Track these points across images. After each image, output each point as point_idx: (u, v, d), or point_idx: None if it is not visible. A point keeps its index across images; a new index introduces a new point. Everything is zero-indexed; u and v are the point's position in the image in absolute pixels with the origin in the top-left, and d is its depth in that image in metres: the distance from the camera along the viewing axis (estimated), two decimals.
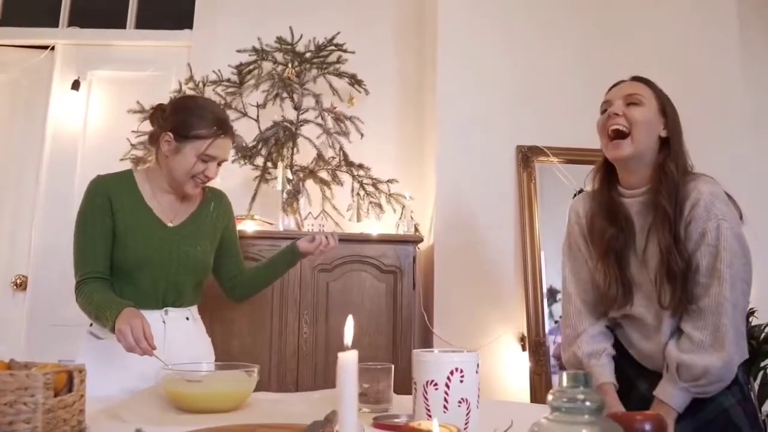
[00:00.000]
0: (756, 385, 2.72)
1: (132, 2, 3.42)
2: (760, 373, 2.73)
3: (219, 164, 1.75)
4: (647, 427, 0.95)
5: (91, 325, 1.68)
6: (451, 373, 1.05)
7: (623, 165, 1.60)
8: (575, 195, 2.82)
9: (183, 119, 1.69)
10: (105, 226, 1.66)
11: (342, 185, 2.91)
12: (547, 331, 2.69)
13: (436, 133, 2.89)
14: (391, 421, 1.17)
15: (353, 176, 2.89)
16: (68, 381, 0.98)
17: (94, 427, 1.01)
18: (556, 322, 2.69)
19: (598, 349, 1.59)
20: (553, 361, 2.66)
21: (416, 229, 2.79)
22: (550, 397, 0.85)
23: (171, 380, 1.32)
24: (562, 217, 2.85)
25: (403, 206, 2.82)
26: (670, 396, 1.42)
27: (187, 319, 1.76)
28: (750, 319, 2.77)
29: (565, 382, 0.85)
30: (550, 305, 2.72)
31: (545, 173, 2.84)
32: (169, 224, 1.74)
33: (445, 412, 1.04)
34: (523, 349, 2.72)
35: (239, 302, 2.00)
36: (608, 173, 1.65)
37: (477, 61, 2.94)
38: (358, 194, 2.84)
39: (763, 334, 2.73)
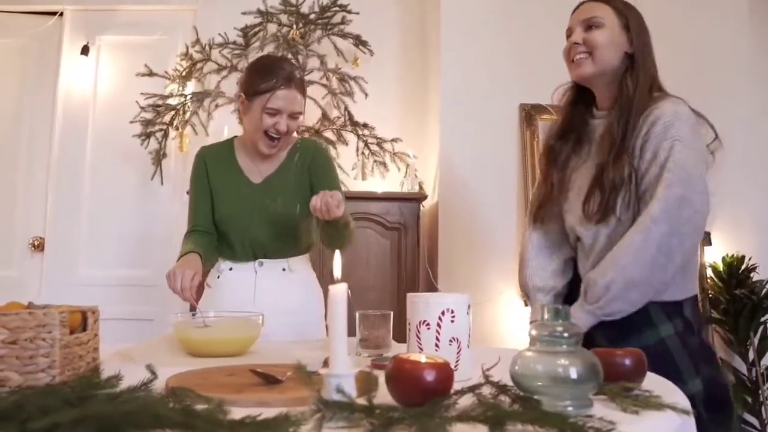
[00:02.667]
0: (756, 340, 2.77)
1: None
2: (761, 328, 2.78)
3: (293, 118, 1.76)
4: (627, 362, 0.99)
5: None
6: (443, 313, 1.11)
7: (592, 85, 1.57)
8: None
9: (249, 78, 1.79)
10: (204, 188, 1.85)
11: (347, 145, 2.96)
12: None
13: (439, 92, 2.91)
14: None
15: (358, 135, 2.94)
16: (83, 320, 1.04)
17: (106, 365, 1.08)
18: None
19: (546, 286, 1.60)
20: None
21: (420, 187, 2.84)
22: (532, 331, 0.91)
23: (181, 326, 1.39)
24: None
25: (407, 165, 2.86)
26: (578, 318, 1.40)
27: (284, 269, 1.84)
28: (752, 275, 2.81)
29: (546, 316, 0.90)
30: None
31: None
32: (255, 182, 1.84)
33: (436, 350, 1.10)
34: (525, 304, 2.78)
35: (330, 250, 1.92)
36: (580, 94, 1.62)
37: (480, 19, 2.94)
38: (362, 153, 2.89)
39: (765, 290, 2.77)
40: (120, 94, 3.22)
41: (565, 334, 0.87)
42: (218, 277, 1.83)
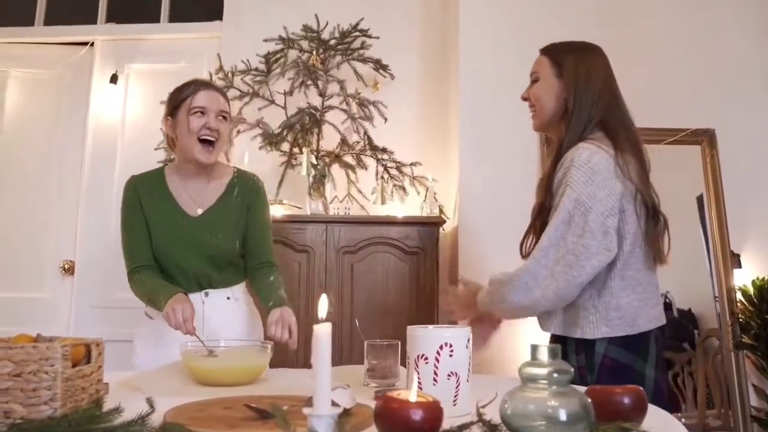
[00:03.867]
0: None
1: None
2: None
3: (221, 117, 1.79)
4: (625, 399, 0.97)
5: (146, 306, 1.83)
6: (441, 347, 1.10)
7: (551, 133, 1.69)
8: None
9: (170, 98, 1.85)
10: (139, 221, 1.81)
11: (366, 169, 2.97)
12: None
13: (459, 115, 2.91)
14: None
15: (377, 160, 2.95)
16: (86, 353, 1.07)
17: (112, 396, 1.10)
18: None
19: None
20: None
21: (441, 211, 2.83)
22: (521, 369, 0.90)
23: (190, 355, 1.41)
24: None
25: (427, 188, 2.86)
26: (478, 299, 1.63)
27: (228, 298, 1.85)
28: None
29: (537, 355, 0.89)
30: None
31: None
32: (192, 215, 1.82)
33: (434, 385, 1.09)
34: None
35: None
36: None
37: (501, 43, 2.94)
38: (382, 177, 2.90)
39: None
40: (147, 121, 3.30)
41: (555, 374, 0.86)
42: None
